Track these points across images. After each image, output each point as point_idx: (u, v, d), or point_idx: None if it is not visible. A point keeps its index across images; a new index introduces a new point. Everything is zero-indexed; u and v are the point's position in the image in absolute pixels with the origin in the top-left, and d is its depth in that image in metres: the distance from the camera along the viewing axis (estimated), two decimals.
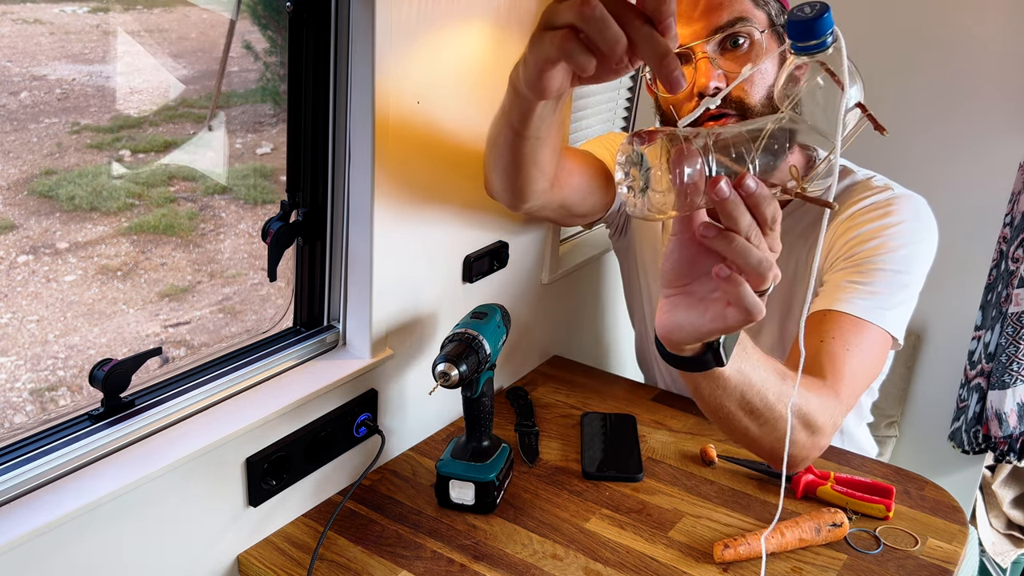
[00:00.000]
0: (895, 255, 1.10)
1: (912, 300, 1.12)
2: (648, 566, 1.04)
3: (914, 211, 1.15)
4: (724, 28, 1.04)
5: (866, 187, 1.18)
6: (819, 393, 0.97)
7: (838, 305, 1.07)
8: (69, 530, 0.86)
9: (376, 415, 1.20)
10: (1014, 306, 1.61)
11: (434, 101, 1.12)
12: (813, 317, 1.09)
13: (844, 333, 1.05)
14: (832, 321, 1.06)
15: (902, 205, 1.14)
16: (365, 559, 1.05)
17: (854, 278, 1.10)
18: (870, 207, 1.15)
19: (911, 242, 1.11)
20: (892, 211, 1.13)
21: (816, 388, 0.98)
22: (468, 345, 1.06)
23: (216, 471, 1.01)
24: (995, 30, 1.65)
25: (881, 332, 1.07)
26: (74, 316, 2.73)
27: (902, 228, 1.12)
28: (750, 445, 0.99)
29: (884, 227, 1.12)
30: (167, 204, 3.26)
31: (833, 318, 1.06)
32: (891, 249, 1.10)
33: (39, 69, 3.36)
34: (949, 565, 1.04)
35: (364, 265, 1.12)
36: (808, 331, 1.08)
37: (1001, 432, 1.67)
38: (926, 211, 1.16)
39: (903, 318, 1.11)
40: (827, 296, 1.10)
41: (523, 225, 1.39)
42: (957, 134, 1.73)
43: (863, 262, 1.11)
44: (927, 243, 1.14)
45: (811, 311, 1.11)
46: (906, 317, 1.13)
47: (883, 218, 1.13)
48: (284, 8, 1.01)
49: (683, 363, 0.82)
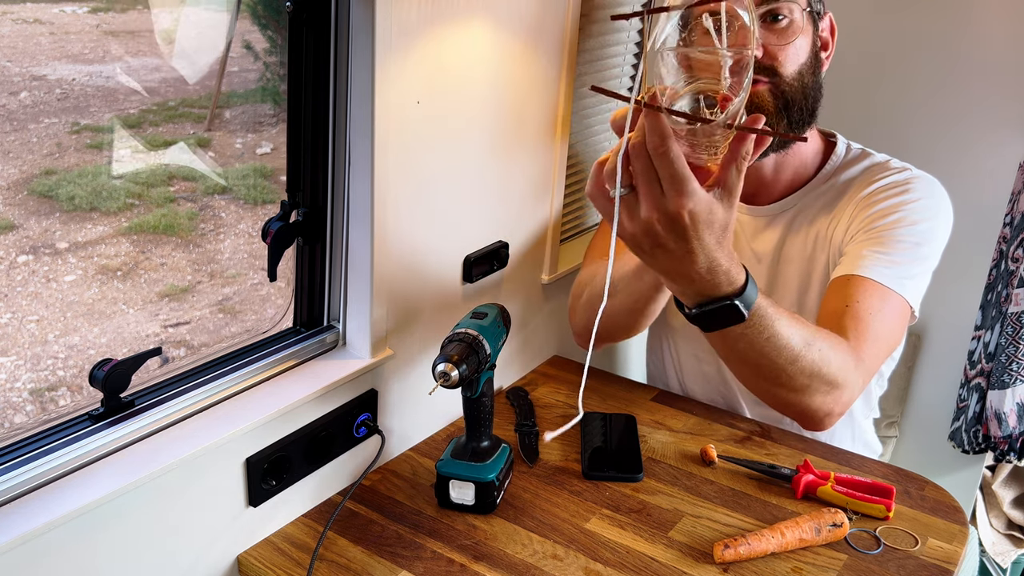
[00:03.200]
0: (915, 228, 1.14)
1: (928, 274, 1.16)
2: (648, 566, 1.04)
3: (931, 189, 1.20)
4: (770, 1, 1.10)
5: (884, 168, 1.24)
6: (842, 351, 1.01)
7: (862, 271, 1.11)
8: (69, 530, 0.86)
9: (376, 415, 1.20)
10: (1014, 306, 1.61)
11: (434, 101, 1.12)
12: (837, 281, 1.12)
13: (868, 297, 1.08)
14: (857, 285, 1.09)
15: (919, 184, 1.20)
16: (365, 559, 1.05)
17: (876, 247, 1.13)
18: (889, 185, 1.20)
19: (929, 217, 1.16)
20: (910, 188, 1.18)
21: (839, 347, 1.01)
22: (468, 345, 1.05)
23: (216, 471, 1.01)
24: (995, 30, 1.65)
25: (902, 300, 1.10)
26: (74, 316, 2.73)
27: (920, 204, 1.17)
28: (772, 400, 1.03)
29: (903, 203, 1.17)
30: (167, 204, 3.26)
31: (857, 282, 1.10)
32: (911, 223, 1.15)
33: (39, 69, 3.36)
34: (949, 565, 1.04)
35: (364, 265, 1.12)
36: (834, 293, 1.12)
37: (1000, 432, 1.67)
38: (941, 191, 1.21)
39: (920, 290, 1.15)
40: (850, 263, 1.14)
41: (523, 225, 1.39)
42: (957, 134, 1.73)
43: (883, 233, 1.14)
44: (944, 220, 1.19)
45: (834, 277, 1.14)
46: (922, 290, 1.16)
47: (902, 195, 1.18)
48: (284, 8, 1.01)
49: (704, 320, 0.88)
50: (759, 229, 1.29)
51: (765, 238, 1.28)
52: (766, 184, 1.27)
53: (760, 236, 1.29)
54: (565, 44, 1.34)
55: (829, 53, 1.21)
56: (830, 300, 1.12)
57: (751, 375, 1.01)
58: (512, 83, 1.26)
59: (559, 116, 1.38)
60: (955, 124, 1.73)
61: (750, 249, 1.30)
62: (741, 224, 1.30)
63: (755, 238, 1.29)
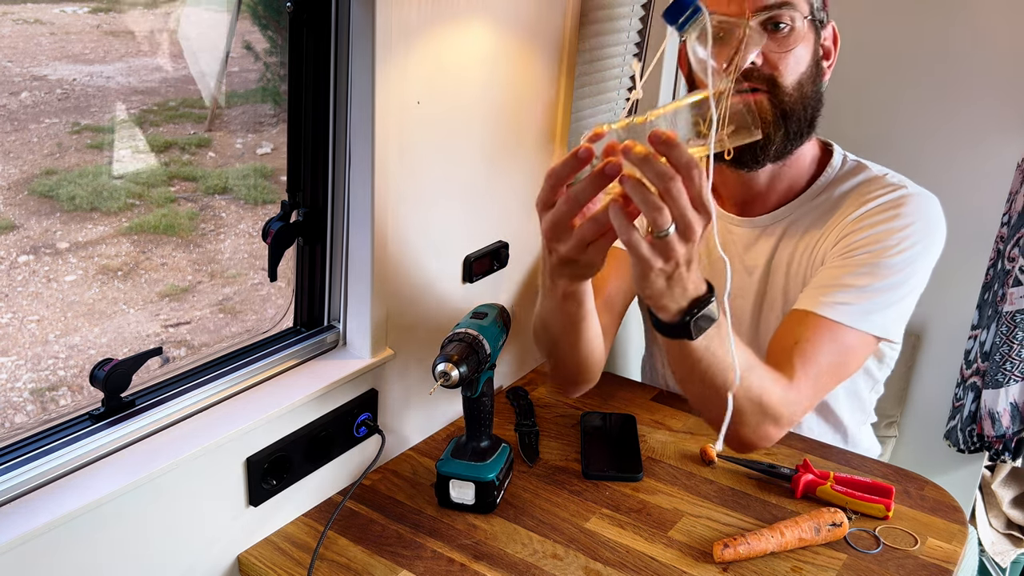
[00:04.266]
0: (899, 258, 1.12)
1: (909, 299, 1.14)
2: (648, 566, 1.04)
3: (923, 211, 1.16)
4: (771, 8, 1.07)
5: (878, 184, 1.19)
6: (783, 387, 1.04)
7: (820, 308, 1.10)
8: (69, 530, 0.86)
9: (376, 415, 1.20)
10: (1009, 305, 1.61)
11: (434, 101, 1.12)
12: (794, 315, 1.13)
13: (819, 338, 1.09)
14: (811, 324, 1.10)
15: (912, 205, 1.16)
16: (365, 559, 1.05)
17: (848, 278, 1.12)
18: (880, 208, 1.16)
19: (916, 242, 1.13)
20: (901, 213, 1.14)
21: (781, 383, 1.04)
22: (468, 345, 1.06)
23: (216, 471, 1.01)
24: (994, 30, 1.65)
25: (861, 335, 1.10)
26: (75, 316, 2.74)
27: (909, 230, 1.13)
28: (706, 418, 1.08)
29: (890, 230, 1.13)
30: (167, 204, 3.26)
31: (812, 321, 1.10)
32: (896, 251, 1.12)
33: (39, 69, 3.36)
34: (949, 565, 1.05)
35: (364, 265, 1.12)
36: (787, 327, 1.13)
37: (994, 431, 1.67)
38: (936, 211, 1.17)
39: (896, 317, 1.14)
40: (813, 295, 1.13)
41: (523, 225, 1.39)
42: (955, 134, 1.73)
43: (862, 265, 1.12)
44: (933, 242, 1.15)
45: (795, 307, 1.14)
46: (901, 315, 1.15)
47: (891, 220, 1.14)
48: (284, 8, 1.02)
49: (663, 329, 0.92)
50: (752, 241, 1.26)
51: (757, 250, 1.26)
52: (760, 194, 1.24)
53: (753, 248, 1.26)
54: (565, 44, 1.34)
55: (831, 63, 1.18)
56: (782, 334, 1.12)
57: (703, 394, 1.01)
58: (512, 83, 1.26)
59: (559, 116, 1.38)
60: (953, 124, 1.73)
61: (742, 262, 1.27)
62: (734, 235, 1.28)
63: (748, 251, 1.27)
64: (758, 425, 1.03)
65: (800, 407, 1.06)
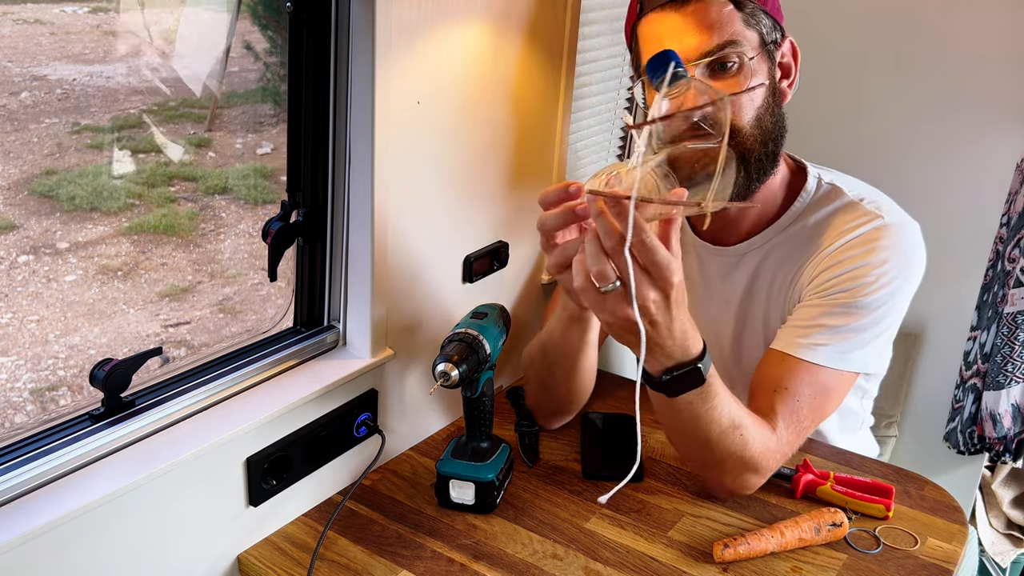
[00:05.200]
0: (872, 297, 1.10)
1: (887, 333, 1.14)
2: (648, 566, 1.04)
3: (901, 243, 1.12)
4: (713, 52, 1.03)
5: (855, 212, 1.15)
6: (766, 438, 1.06)
7: (799, 352, 1.10)
8: (69, 530, 0.86)
9: (376, 415, 1.20)
10: (1009, 306, 1.61)
11: (434, 101, 1.12)
12: (775, 356, 1.13)
13: (799, 381, 1.10)
14: (789, 367, 1.10)
15: (890, 238, 1.11)
16: (365, 559, 1.05)
17: (821, 318, 1.11)
18: (858, 241, 1.12)
19: (893, 279, 1.10)
20: (877, 247, 1.10)
21: (765, 434, 1.06)
22: (468, 345, 1.06)
23: (216, 471, 1.01)
24: (993, 29, 1.65)
25: (839, 374, 1.11)
26: (74, 316, 2.74)
27: (886, 267, 1.10)
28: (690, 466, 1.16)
29: (867, 267, 1.10)
30: (167, 204, 3.26)
31: (790, 365, 1.10)
32: (873, 289, 1.09)
33: (39, 69, 3.36)
34: (949, 565, 1.05)
35: (364, 265, 1.12)
36: (766, 370, 1.13)
37: (995, 433, 1.67)
38: (914, 240, 1.14)
39: (874, 352, 1.14)
40: (792, 334, 1.12)
41: (523, 225, 1.39)
42: (954, 134, 1.73)
43: (836, 304, 1.11)
44: (912, 277, 1.13)
45: (773, 346, 1.14)
46: (880, 350, 1.16)
47: (868, 255, 1.10)
48: (284, 8, 1.02)
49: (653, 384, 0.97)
50: (727, 270, 1.24)
51: (735, 279, 1.23)
52: (732, 222, 1.21)
53: (729, 278, 1.24)
54: (565, 44, 1.34)
55: (792, 79, 1.13)
56: (763, 377, 1.12)
57: (686, 444, 1.08)
58: (512, 83, 1.26)
59: (559, 115, 1.38)
60: (952, 124, 1.72)
61: (720, 292, 1.25)
62: (710, 265, 1.25)
63: (724, 281, 1.24)
64: (738, 475, 1.08)
65: (781, 454, 1.09)
